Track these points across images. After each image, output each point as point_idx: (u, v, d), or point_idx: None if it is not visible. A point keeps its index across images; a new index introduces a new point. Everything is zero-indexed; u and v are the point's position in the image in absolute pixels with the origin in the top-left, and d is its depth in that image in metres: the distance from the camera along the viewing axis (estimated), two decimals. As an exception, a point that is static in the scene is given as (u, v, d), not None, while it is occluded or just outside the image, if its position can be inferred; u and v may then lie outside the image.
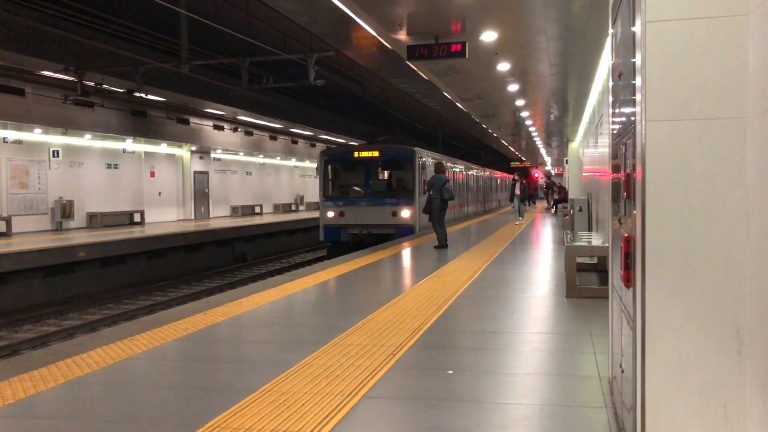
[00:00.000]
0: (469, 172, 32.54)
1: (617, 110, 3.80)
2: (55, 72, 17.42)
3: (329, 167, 20.79)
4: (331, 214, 19.80)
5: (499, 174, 51.25)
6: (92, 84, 18.06)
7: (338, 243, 19.62)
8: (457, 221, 26.12)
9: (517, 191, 25.57)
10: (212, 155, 31.34)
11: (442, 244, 14.51)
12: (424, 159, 21.01)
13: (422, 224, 19.69)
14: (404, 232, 19.27)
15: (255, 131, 32.36)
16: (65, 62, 16.55)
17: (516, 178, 27.04)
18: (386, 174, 21.50)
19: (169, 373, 5.13)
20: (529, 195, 36.84)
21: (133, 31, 17.69)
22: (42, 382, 4.74)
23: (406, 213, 19.60)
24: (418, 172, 20.08)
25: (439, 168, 15.36)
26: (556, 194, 34.98)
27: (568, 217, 16.27)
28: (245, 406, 4.15)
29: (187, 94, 21.84)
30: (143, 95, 19.64)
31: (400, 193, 20.08)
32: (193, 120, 27.01)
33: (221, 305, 7.77)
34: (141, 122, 24.30)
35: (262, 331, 6.61)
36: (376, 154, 20.27)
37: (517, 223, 23.96)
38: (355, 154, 20.37)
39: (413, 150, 20.26)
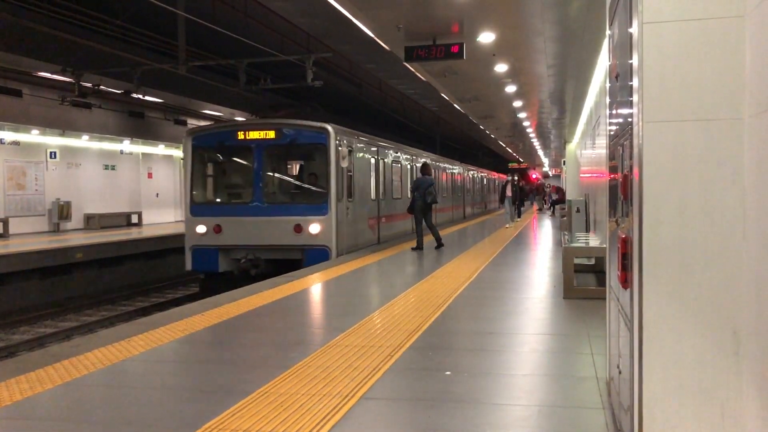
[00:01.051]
0: (442, 169, 26.21)
1: (614, 111, 3.80)
2: (52, 73, 17.43)
3: (200, 156, 14.25)
4: (201, 229, 13.50)
5: (493, 174, 47.91)
6: (90, 85, 18.08)
7: (216, 274, 13.57)
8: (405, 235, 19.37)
9: (509, 192, 23.28)
10: (210, 156, 31.28)
11: (439, 244, 14.48)
12: (345, 143, 14.28)
13: (347, 244, 14.13)
14: (314, 256, 12.99)
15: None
16: (63, 63, 16.56)
17: (508, 178, 25.53)
18: (287, 166, 15.49)
19: (167, 375, 5.12)
20: (522, 197, 33.66)
21: (131, 33, 17.71)
22: (39, 384, 4.73)
23: (315, 227, 13.18)
24: (335, 162, 13.63)
25: (425, 169, 15.05)
26: (547, 196, 34.32)
27: (565, 218, 16.28)
28: (243, 408, 4.15)
29: (184, 96, 21.86)
30: (141, 96, 19.66)
31: (308, 196, 13.90)
32: (191, 121, 27.00)
33: (219, 306, 7.76)
34: (138, 123, 24.29)
35: (260, 333, 6.61)
36: (270, 134, 13.68)
37: (508, 227, 21.99)
38: (240, 135, 13.83)
39: (326, 129, 13.66)
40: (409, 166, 21.36)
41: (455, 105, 21.79)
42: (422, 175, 14.87)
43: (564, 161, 32.87)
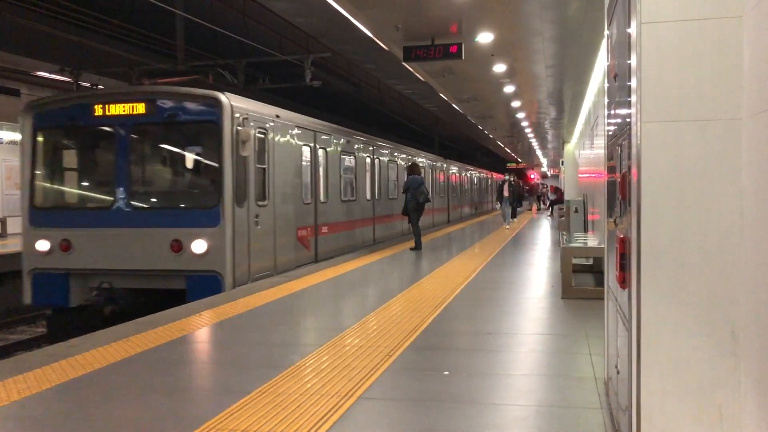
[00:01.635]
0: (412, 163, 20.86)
1: (613, 111, 3.80)
2: (50, 72, 17.42)
3: (44, 141, 10.39)
4: (43, 245, 9.93)
5: (488, 173, 45.12)
6: (88, 85, 18.04)
7: (66, 309, 9.92)
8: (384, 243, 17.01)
9: (506, 192, 22.75)
10: (208, 156, 31.15)
11: (418, 247, 14.35)
12: (252, 122, 10.36)
13: (254, 267, 10.22)
14: (200, 286, 9.34)
15: (251, 132, 32.24)
16: (61, 63, 16.53)
17: (506, 177, 25.32)
18: (163, 154, 10.61)
19: (165, 375, 5.11)
20: (519, 197, 32.79)
21: (129, 32, 17.69)
22: (37, 384, 4.72)
23: (200, 244, 9.44)
24: (232, 147, 9.66)
25: (414, 169, 14.86)
26: (544, 196, 34.22)
27: (563, 218, 16.28)
28: (241, 408, 4.15)
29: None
30: (139, 96, 19.60)
31: (192, 199, 10.16)
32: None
33: (216, 306, 7.76)
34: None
35: (258, 333, 6.60)
36: (139, 108, 9.84)
37: (507, 227, 21.78)
38: (97, 111, 9.96)
39: (218, 99, 9.71)
40: (368, 159, 17.12)
41: (454, 105, 21.79)
42: (411, 175, 14.63)
43: (562, 161, 32.92)
